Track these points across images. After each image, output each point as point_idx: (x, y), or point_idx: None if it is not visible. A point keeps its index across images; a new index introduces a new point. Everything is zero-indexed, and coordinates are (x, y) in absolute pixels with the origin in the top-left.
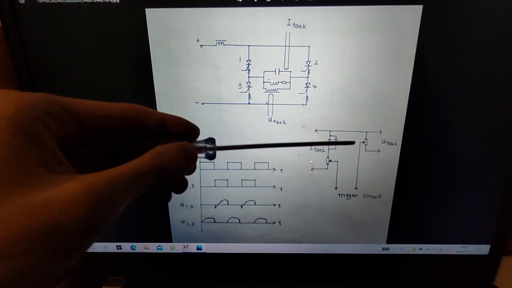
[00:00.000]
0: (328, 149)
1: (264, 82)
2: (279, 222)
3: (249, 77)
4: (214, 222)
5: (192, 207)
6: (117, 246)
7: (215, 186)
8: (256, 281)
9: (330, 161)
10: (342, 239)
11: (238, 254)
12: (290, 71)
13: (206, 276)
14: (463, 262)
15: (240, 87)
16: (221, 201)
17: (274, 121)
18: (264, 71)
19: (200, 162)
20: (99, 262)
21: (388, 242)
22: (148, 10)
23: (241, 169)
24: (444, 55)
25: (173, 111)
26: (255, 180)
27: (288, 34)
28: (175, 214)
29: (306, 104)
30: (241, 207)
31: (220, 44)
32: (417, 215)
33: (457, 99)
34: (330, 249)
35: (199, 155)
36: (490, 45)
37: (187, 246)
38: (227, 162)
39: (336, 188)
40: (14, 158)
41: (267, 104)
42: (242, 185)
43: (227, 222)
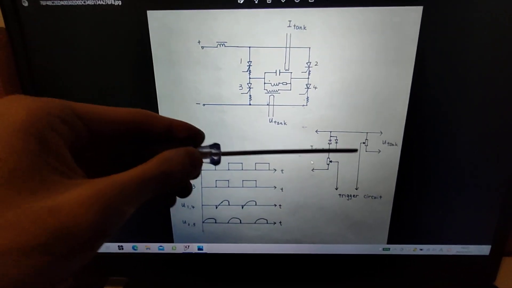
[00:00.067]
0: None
1: (265, 83)
2: (280, 223)
3: (250, 78)
4: (215, 223)
5: (193, 208)
6: (119, 246)
7: (216, 187)
8: (257, 281)
9: (331, 162)
10: (343, 240)
11: (239, 255)
12: (291, 72)
13: (207, 276)
14: (464, 263)
15: (241, 88)
16: (222, 202)
17: (275, 122)
18: (265, 72)
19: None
20: (101, 262)
21: (389, 243)
22: (150, 12)
23: (242, 170)
24: (445, 56)
25: (174, 112)
26: (256, 181)
27: (289, 36)
28: (176, 215)
29: (307, 105)
30: (242, 208)
31: (221, 46)
32: (418, 216)
33: (457, 100)
34: (331, 250)
35: (204, 160)
36: (490, 46)
37: (188, 247)
38: (228, 163)
39: (337, 189)
40: (26, 164)
41: (268, 105)
42: (243, 186)
43: (228, 223)
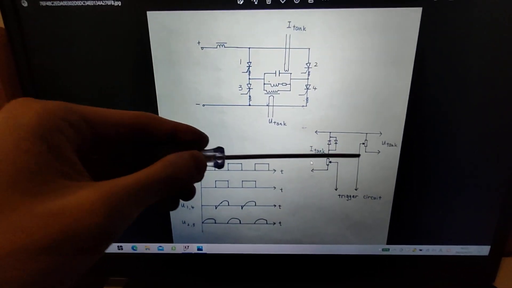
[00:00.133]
0: (328, 151)
1: (265, 84)
2: (280, 223)
3: (250, 79)
4: (215, 223)
5: (193, 208)
6: (118, 247)
7: (216, 187)
8: (257, 282)
9: (330, 162)
10: (342, 240)
11: (239, 255)
12: (290, 73)
13: (207, 277)
14: (463, 263)
15: (241, 89)
16: (222, 202)
17: (275, 123)
18: (265, 73)
19: None
20: (100, 263)
21: (388, 243)
22: (150, 13)
23: (242, 170)
24: (444, 57)
25: (174, 113)
26: (256, 181)
27: (288, 36)
28: (176, 215)
29: (306, 106)
30: (242, 208)
31: (221, 46)
32: (417, 216)
33: (457, 100)
34: (330, 250)
35: (208, 164)
36: (490, 47)
37: (188, 247)
38: (228, 163)
39: (336, 189)
40: (34, 166)
41: (268, 106)
42: (243, 186)
43: (228, 223)
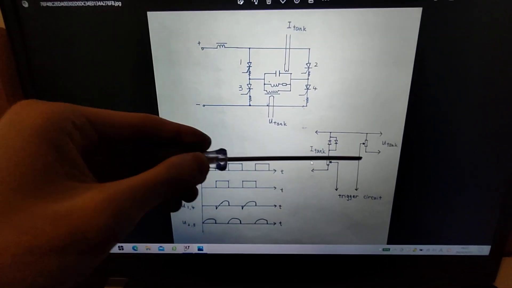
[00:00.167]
0: (329, 151)
1: (265, 84)
2: (280, 223)
3: (250, 79)
4: (215, 223)
5: (193, 208)
6: (119, 247)
7: (216, 187)
8: (257, 282)
9: (331, 162)
10: (343, 240)
11: (239, 255)
12: (291, 73)
13: (207, 277)
14: (464, 263)
15: (241, 89)
16: (222, 202)
17: (275, 123)
18: (265, 73)
19: None
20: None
21: (389, 243)
22: (150, 13)
23: (242, 170)
24: (444, 57)
25: (174, 113)
26: (256, 181)
27: (289, 37)
28: (177, 215)
29: (307, 106)
30: (242, 208)
31: (221, 47)
32: (418, 216)
33: (457, 100)
34: (331, 250)
35: (210, 166)
36: (490, 47)
37: (188, 247)
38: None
39: (337, 189)
40: (40, 168)
41: (268, 106)
42: (243, 186)
43: (228, 223)
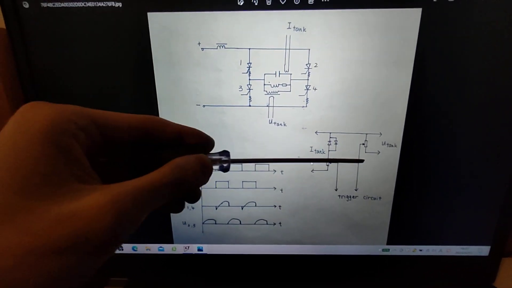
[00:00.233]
0: (329, 151)
1: (265, 85)
2: (280, 223)
3: (250, 80)
4: (215, 223)
5: (193, 209)
6: (119, 247)
7: (216, 188)
8: (257, 282)
9: (330, 163)
10: (343, 240)
11: (239, 255)
12: (290, 74)
13: (207, 277)
14: (463, 263)
15: (241, 90)
16: (222, 203)
17: (275, 123)
18: (265, 74)
19: None
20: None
21: (388, 243)
22: (150, 14)
23: (242, 171)
24: (444, 57)
25: (174, 113)
26: (256, 182)
27: (288, 37)
28: (176, 216)
29: (306, 106)
30: (242, 209)
31: (221, 47)
32: (417, 217)
33: (457, 101)
34: (331, 250)
35: (213, 167)
36: (489, 47)
37: (188, 247)
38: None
39: (336, 190)
40: (45, 170)
41: (268, 106)
42: (243, 187)
43: (228, 223)
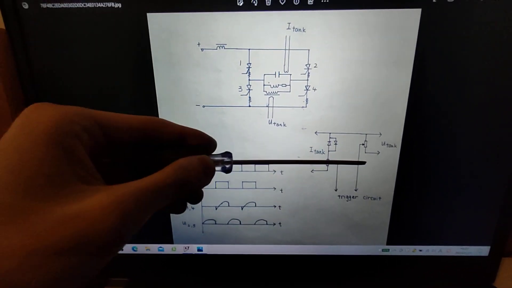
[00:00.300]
0: (328, 151)
1: (264, 85)
2: (280, 224)
3: (250, 80)
4: (215, 224)
5: (193, 209)
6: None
7: (216, 188)
8: (257, 282)
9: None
10: (342, 241)
11: (239, 255)
12: (290, 74)
13: (207, 277)
14: (463, 264)
15: (241, 90)
16: (222, 203)
17: (274, 124)
18: (264, 74)
19: None
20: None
21: (388, 244)
22: (150, 15)
23: (242, 171)
24: (443, 58)
25: (174, 114)
26: (256, 182)
27: (288, 38)
28: (176, 216)
29: (306, 107)
30: (242, 209)
31: (221, 48)
32: (417, 217)
33: (456, 101)
34: (330, 250)
35: (216, 168)
36: (489, 47)
37: (188, 247)
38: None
39: (336, 190)
40: (49, 171)
41: (267, 107)
42: (243, 187)
43: (228, 224)
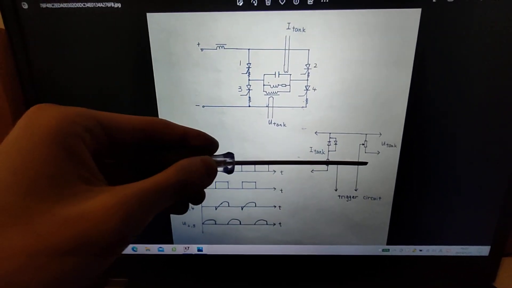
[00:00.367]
0: (328, 151)
1: (264, 85)
2: (280, 224)
3: (249, 80)
4: (215, 224)
5: (193, 209)
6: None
7: (216, 188)
8: (257, 282)
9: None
10: (342, 241)
11: (239, 256)
12: (290, 74)
13: (207, 277)
14: (463, 263)
15: (240, 90)
16: (222, 203)
17: (274, 124)
18: (264, 74)
19: None
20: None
21: (388, 244)
22: (149, 15)
23: (242, 171)
24: (443, 57)
25: (174, 114)
26: (256, 182)
27: (288, 38)
28: (176, 216)
29: (306, 107)
30: (242, 209)
31: (220, 48)
32: (417, 217)
33: (456, 101)
34: (330, 251)
35: (218, 169)
36: (488, 47)
37: (188, 248)
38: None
39: (336, 190)
40: (52, 172)
41: (267, 107)
42: (243, 187)
43: (228, 224)
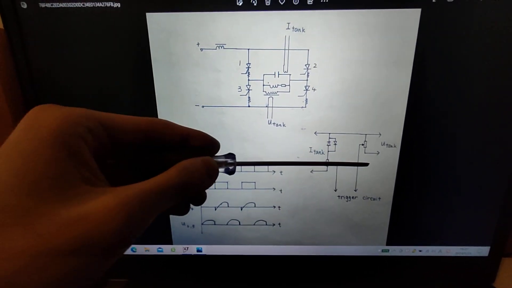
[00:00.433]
0: (328, 152)
1: (264, 85)
2: (279, 224)
3: (249, 80)
4: (214, 224)
5: (192, 209)
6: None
7: (215, 188)
8: (256, 283)
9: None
10: (342, 241)
11: (238, 256)
12: (290, 74)
13: (206, 278)
14: (463, 264)
15: (240, 90)
16: (221, 203)
17: (274, 124)
18: (264, 74)
19: None
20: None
21: (388, 244)
22: (149, 15)
23: (241, 172)
24: (443, 58)
25: (173, 114)
26: (255, 183)
27: (288, 38)
28: (176, 216)
29: (306, 107)
30: (241, 209)
31: (220, 48)
32: (417, 217)
33: (456, 101)
34: (330, 251)
35: (219, 170)
36: (488, 47)
37: (187, 248)
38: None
39: (336, 190)
40: (55, 173)
41: (267, 107)
42: (242, 187)
43: (227, 224)
